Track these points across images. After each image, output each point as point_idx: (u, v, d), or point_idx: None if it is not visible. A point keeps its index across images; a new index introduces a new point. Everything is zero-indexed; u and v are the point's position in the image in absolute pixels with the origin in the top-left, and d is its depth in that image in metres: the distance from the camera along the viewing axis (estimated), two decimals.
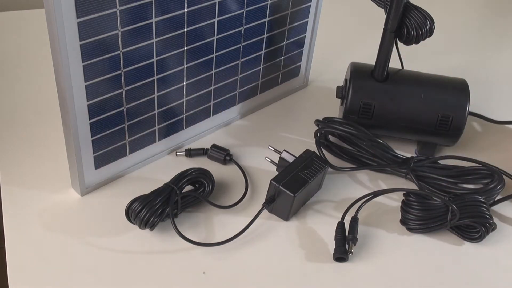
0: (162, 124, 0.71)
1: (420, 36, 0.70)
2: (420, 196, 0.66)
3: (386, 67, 0.74)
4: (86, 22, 0.55)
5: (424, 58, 0.96)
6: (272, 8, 0.74)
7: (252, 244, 0.64)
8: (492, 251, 0.66)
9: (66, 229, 0.63)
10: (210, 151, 0.73)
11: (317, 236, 0.65)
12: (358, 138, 0.72)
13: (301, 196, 0.65)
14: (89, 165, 0.65)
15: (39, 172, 0.69)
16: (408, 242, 0.66)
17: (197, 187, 0.67)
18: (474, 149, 0.79)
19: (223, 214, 0.67)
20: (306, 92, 0.87)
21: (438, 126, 0.74)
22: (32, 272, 0.59)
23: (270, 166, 0.73)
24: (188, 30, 0.66)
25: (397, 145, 0.78)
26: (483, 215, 0.64)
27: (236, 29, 0.71)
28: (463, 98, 0.73)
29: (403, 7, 0.69)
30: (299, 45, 0.82)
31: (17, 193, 0.66)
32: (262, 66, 0.79)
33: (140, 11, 0.60)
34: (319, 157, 0.69)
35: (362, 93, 0.74)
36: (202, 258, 0.62)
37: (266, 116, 0.82)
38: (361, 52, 0.95)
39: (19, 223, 0.63)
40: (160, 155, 0.73)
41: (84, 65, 0.58)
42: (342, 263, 0.63)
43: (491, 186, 0.68)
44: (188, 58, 0.68)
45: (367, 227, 0.67)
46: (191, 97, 0.72)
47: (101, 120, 0.63)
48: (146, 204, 0.61)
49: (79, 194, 0.66)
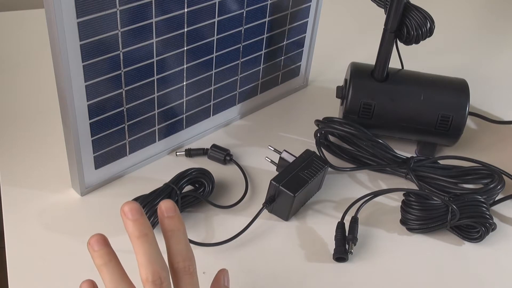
0: (162, 124, 0.71)
1: (420, 36, 0.70)
2: (420, 196, 0.66)
3: (386, 67, 0.74)
4: (86, 22, 0.55)
5: (424, 58, 0.96)
6: (272, 8, 0.74)
7: (252, 244, 0.64)
8: (492, 251, 0.66)
9: (66, 229, 0.63)
10: (210, 151, 0.73)
11: (317, 236, 0.65)
12: (358, 138, 0.72)
13: (301, 196, 0.65)
14: (89, 165, 0.65)
15: (39, 172, 0.69)
16: (408, 242, 0.66)
17: (197, 187, 0.67)
18: (474, 149, 0.79)
19: (223, 214, 0.67)
20: (306, 92, 0.87)
21: (438, 126, 0.74)
22: (32, 272, 0.59)
23: (270, 166, 0.73)
24: (188, 30, 0.66)
25: (397, 145, 0.78)
26: (483, 215, 0.64)
27: (236, 29, 0.71)
28: (463, 98, 0.73)
29: (403, 7, 0.69)
30: (299, 45, 0.82)
31: (17, 193, 0.66)
32: (262, 66, 0.79)
33: (140, 11, 0.60)
34: (319, 157, 0.69)
35: (362, 93, 0.74)
36: (202, 258, 0.62)
37: (266, 116, 0.82)
38: (361, 52, 0.95)
39: (19, 223, 0.63)
40: (160, 155, 0.73)
41: (84, 65, 0.58)
42: (342, 263, 0.63)
43: (491, 186, 0.68)
44: (188, 58, 0.68)
45: (367, 227, 0.67)
46: (191, 97, 0.72)
47: (101, 120, 0.63)
48: (146, 204, 0.61)
49: (79, 194, 0.67)
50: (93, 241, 0.44)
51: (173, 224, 0.45)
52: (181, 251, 0.45)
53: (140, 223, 0.43)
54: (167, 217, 0.45)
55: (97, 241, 0.44)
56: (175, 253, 0.45)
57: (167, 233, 0.45)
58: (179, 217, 0.46)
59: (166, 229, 0.45)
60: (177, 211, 0.45)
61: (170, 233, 0.45)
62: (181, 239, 0.45)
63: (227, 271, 0.52)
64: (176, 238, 0.45)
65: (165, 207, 0.45)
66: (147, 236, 0.43)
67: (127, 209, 0.43)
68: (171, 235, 0.45)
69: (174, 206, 0.46)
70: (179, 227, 0.45)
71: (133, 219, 0.43)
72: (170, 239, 0.45)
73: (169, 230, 0.45)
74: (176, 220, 0.45)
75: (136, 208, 0.43)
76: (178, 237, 0.45)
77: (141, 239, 0.43)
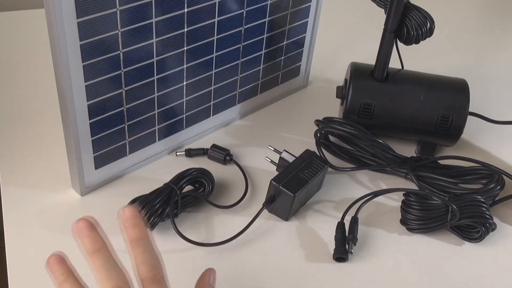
0: (162, 124, 0.71)
1: (420, 36, 0.70)
2: (420, 196, 0.66)
3: (386, 67, 0.74)
4: (86, 22, 0.55)
5: (424, 58, 0.96)
6: (272, 8, 0.74)
7: (252, 244, 0.64)
8: (492, 251, 0.66)
9: (66, 229, 0.63)
10: (210, 151, 0.73)
11: (317, 236, 0.65)
12: (358, 138, 0.72)
13: (301, 196, 0.65)
14: (89, 165, 0.65)
15: (39, 172, 0.69)
16: (408, 242, 0.66)
17: (197, 187, 0.67)
18: (474, 149, 0.79)
19: (223, 214, 0.67)
20: (306, 92, 0.87)
21: (438, 126, 0.74)
22: (32, 272, 0.59)
23: (270, 166, 0.73)
24: (188, 30, 0.66)
25: (397, 145, 0.78)
26: (483, 215, 0.64)
27: (236, 29, 0.71)
28: (463, 98, 0.73)
29: (403, 7, 0.69)
30: (299, 45, 0.82)
31: (17, 193, 0.66)
32: (262, 66, 0.79)
33: (140, 11, 0.60)
34: (319, 157, 0.69)
35: (362, 93, 0.74)
36: (202, 258, 0.62)
37: (266, 116, 0.82)
38: (361, 52, 0.95)
39: (19, 223, 0.63)
40: (160, 155, 0.73)
41: (84, 65, 0.58)
42: (342, 263, 0.63)
43: (491, 186, 0.68)
44: (188, 58, 0.68)
45: (367, 227, 0.67)
46: (191, 97, 0.72)
47: (101, 120, 0.63)
48: (146, 204, 0.61)
49: (79, 194, 0.67)
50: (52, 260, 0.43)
51: (137, 233, 0.43)
52: (147, 260, 0.43)
53: (91, 239, 0.42)
54: (131, 225, 0.43)
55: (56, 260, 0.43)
56: (141, 262, 0.43)
57: (131, 242, 0.44)
58: (143, 225, 0.44)
59: (130, 237, 0.44)
60: (141, 220, 0.44)
61: (135, 242, 0.43)
62: (146, 248, 0.43)
63: (214, 270, 0.51)
64: (141, 247, 0.43)
65: (128, 215, 0.43)
66: (100, 250, 0.42)
67: (78, 227, 0.42)
68: (136, 244, 0.43)
69: (137, 213, 0.44)
70: (143, 235, 0.44)
71: (85, 235, 0.42)
72: (135, 248, 0.44)
73: (133, 239, 0.43)
74: (140, 228, 0.44)
75: (86, 225, 0.42)
76: (143, 245, 0.43)
77: (95, 254, 0.42)
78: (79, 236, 0.42)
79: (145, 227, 0.44)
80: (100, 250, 0.42)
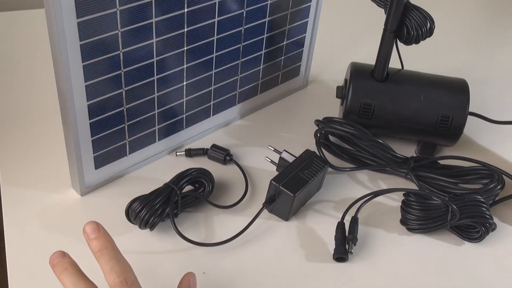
0: (162, 124, 0.71)
1: (420, 36, 0.70)
2: (420, 196, 0.66)
3: (386, 67, 0.74)
4: (86, 22, 0.55)
5: (424, 58, 0.96)
6: (272, 8, 0.74)
7: (252, 244, 0.64)
8: (492, 251, 0.66)
9: (66, 229, 0.63)
10: (210, 151, 0.73)
11: (317, 236, 0.65)
12: (358, 138, 0.72)
13: (301, 196, 0.65)
14: (89, 165, 0.65)
15: (39, 172, 0.69)
16: (408, 242, 0.66)
17: (197, 187, 0.67)
18: (474, 149, 0.79)
19: (223, 214, 0.67)
20: (306, 92, 0.87)
21: (438, 126, 0.74)
22: (32, 272, 0.59)
23: (270, 166, 0.73)
24: (188, 30, 0.66)
25: (397, 145, 0.78)
26: (483, 215, 0.64)
27: (236, 29, 0.71)
28: (463, 98, 0.73)
29: (403, 7, 0.69)
30: (299, 45, 0.82)
31: (17, 193, 0.66)
32: (262, 66, 0.79)
33: (140, 11, 0.60)
34: (319, 157, 0.69)
35: (362, 93, 0.74)
36: (202, 258, 0.62)
37: (266, 116, 0.82)
38: (361, 52, 0.95)
39: (19, 223, 0.63)
40: (160, 155, 0.73)
41: (84, 65, 0.58)
42: (342, 263, 0.63)
43: (491, 186, 0.68)
44: (188, 58, 0.68)
45: (367, 227, 0.67)
46: (191, 97, 0.72)
47: (101, 120, 0.63)
48: (146, 204, 0.61)
49: (79, 194, 0.67)
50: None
51: (100, 244, 0.48)
52: (113, 267, 0.47)
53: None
54: (93, 239, 0.48)
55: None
56: (108, 270, 0.47)
57: (96, 253, 0.48)
58: (104, 235, 0.48)
59: (94, 250, 0.48)
60: (102, 230, 0.49)
61: (99, 253, 0.48)
62: (111, 256, 0.47)
63: (194, 274, 0.54)
64: (106, 255, 0.47)
65: (89, 230, 0.49)
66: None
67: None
68: (101, 255, 0.48)
69: (98, 227, 0.49)
70: (106, 245, 0.48)
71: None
72: (100, 258, 0.48)
73: (97, 251, 0.48)
74: (102, 240, 0.48)
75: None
76: (108, 254, 0.47)
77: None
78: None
79: (108, 238, 0.49)
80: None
